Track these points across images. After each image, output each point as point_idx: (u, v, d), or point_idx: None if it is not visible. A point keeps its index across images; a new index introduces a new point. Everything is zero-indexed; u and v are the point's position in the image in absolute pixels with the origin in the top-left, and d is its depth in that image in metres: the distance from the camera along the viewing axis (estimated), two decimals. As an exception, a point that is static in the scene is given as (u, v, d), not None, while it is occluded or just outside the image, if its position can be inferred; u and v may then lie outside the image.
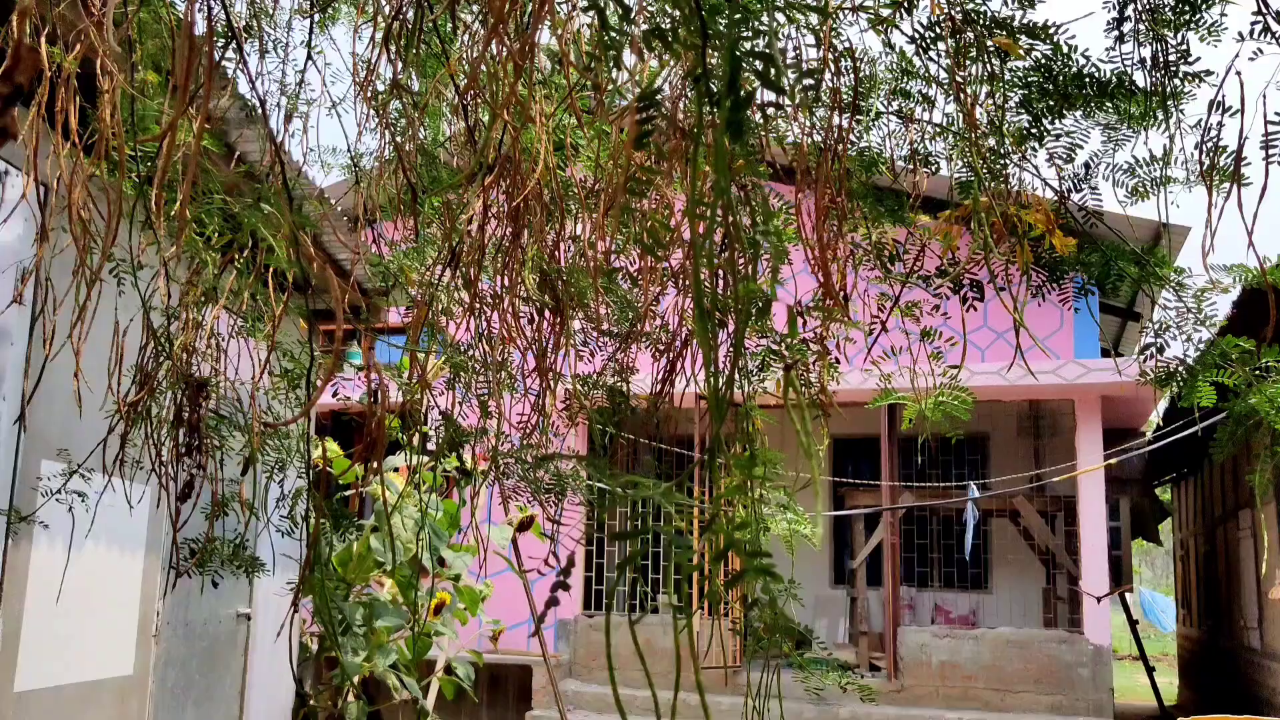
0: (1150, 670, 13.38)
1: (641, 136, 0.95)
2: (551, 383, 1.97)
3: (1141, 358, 1.94)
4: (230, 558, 2.25)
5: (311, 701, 5.79)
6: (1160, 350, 1.90)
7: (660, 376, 2.34)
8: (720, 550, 0.96)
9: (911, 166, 2.04)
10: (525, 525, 6.33)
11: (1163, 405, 11.82)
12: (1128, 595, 13.75)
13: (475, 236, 1.83)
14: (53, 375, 3.29)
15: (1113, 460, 8.06)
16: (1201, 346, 1.84)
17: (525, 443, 2.37)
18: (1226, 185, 1.94)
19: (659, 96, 1.87)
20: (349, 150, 2.56)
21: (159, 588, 4.06)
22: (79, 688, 3.52)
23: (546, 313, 1.90)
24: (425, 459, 5.93)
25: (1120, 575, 12.83)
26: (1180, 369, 1.88)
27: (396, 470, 6.45)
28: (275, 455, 2.31)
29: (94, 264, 2.08)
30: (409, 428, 2.24)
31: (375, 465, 2.04)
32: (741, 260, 1.04)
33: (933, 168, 2.09)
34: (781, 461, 2.78)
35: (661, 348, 2.19)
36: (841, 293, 2.07)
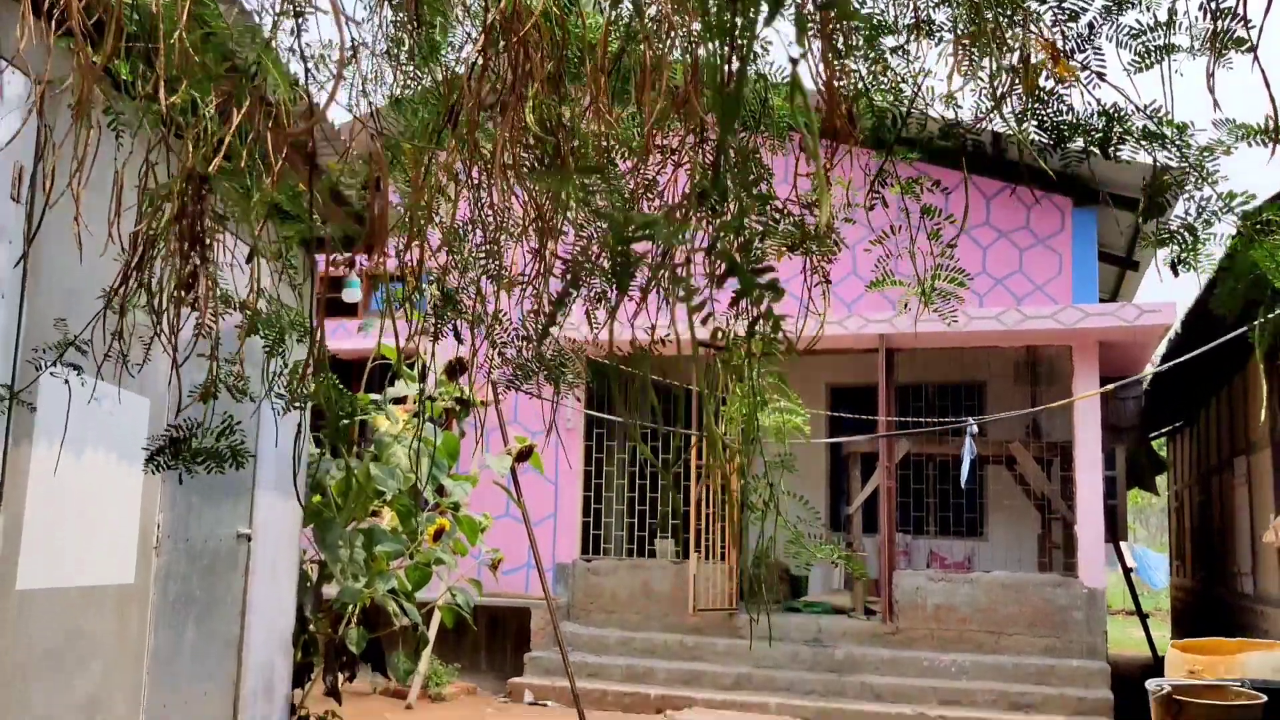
0: (1144, 618, 13.49)
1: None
2: (552, 238, 1.95)
3: (1140, 215, 1.93)
4: (220, 438, 2.23)
5: (312, 627, 5.84)
6: (1161, 210, 1.89)
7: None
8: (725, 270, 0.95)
9: (914, 33, 2.01)
10: (525, 455, 6.36)
11: (1160, 350, 11.83)
12: (1123, 545, 13.83)
13: (474, 90, 1.81)
14: (53, 273, 3.28)
15: (1110, 387, 8.07)
16: (1204, 205, 1.83)
17: (527, 314, 2.35)
18: (1230, 52, 1.93)
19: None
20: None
21: (159, 501, 4.08)
22: (80, 591, 3.54)
23: (547, 162, 1.89)
24: (425, 386, 5.96)
25: (1116, 525, 12.91)
26: (1181, 230, 1.87)
27: (397, 404, 6.47)
28: (272, 329, 2.29)
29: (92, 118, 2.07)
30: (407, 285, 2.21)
31: (379, 249, 2.03)
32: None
33: (935, 38, 2.07)
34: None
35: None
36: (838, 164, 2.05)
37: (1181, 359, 8.16)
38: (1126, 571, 13.40)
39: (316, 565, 6.09)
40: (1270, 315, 2.30)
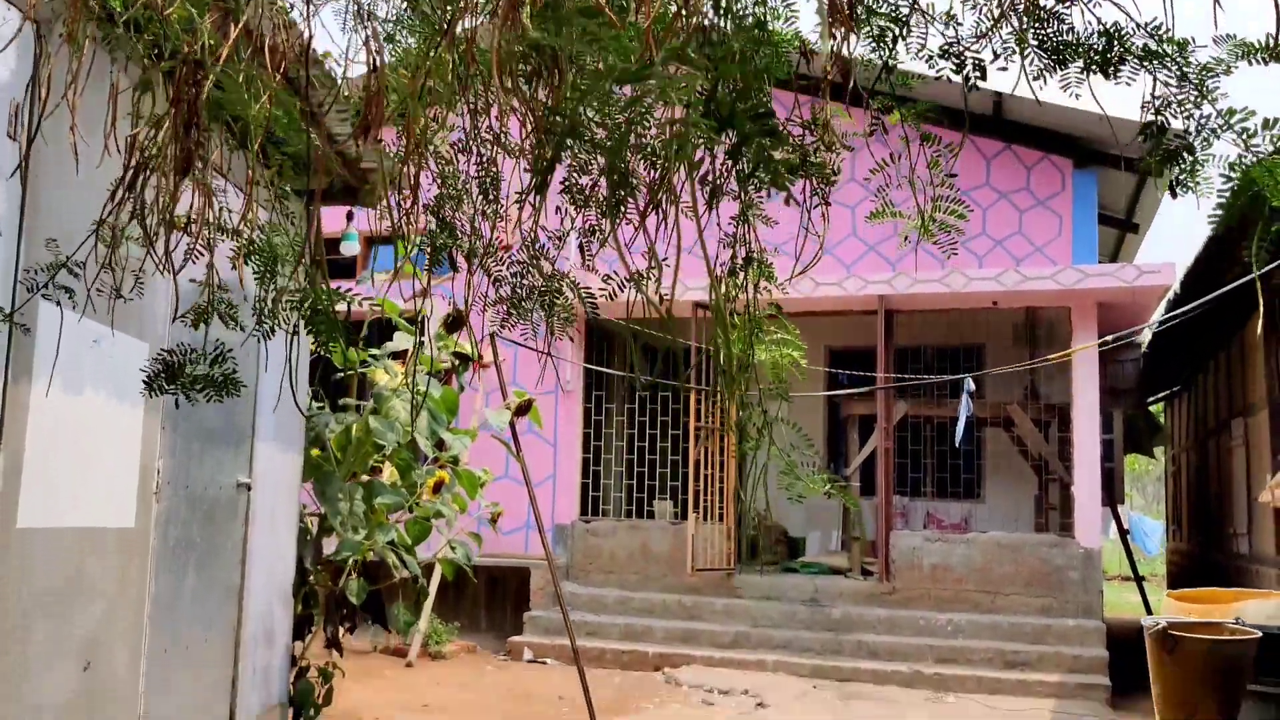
0: (1139, 579, 13.57)
1: None
2: (549, 147, 1.94)
3: (1141, 138, 1.92)
4: (214, 364, 2.22)
5: (312, 579, 5.87)
6: (1161, 131, 1.88)
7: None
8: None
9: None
10: (524, 409, 6.37)
11: (1159, 313, 11.83)
12: (1120, 508, 13.88)
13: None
14: (50, 215, 3.27)
15: (1111, 339, 8.07)
16: (1203, 123, 1.82)
17: (526, 241, 2.34)
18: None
19: None
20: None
21: (158, 447, 4.09)
22: (81, 532, 3.55)
23: (545, 73, 1.87)
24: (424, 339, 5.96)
25: (1113, 487, 12.96)
26: (1180, 148, 1.86)
27: (396, 359, 6.46)
28: (265, 256, 2.28)
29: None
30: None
31: (374, 134, 2.02)
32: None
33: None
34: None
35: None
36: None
37: (1185, 309, 8.15)
38: (1123, 533, 13.47)
39: (316, 519, 6.11)
40: (1270, 230, 2.29)
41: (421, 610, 9.92)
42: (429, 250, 2.36)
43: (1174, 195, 1.92)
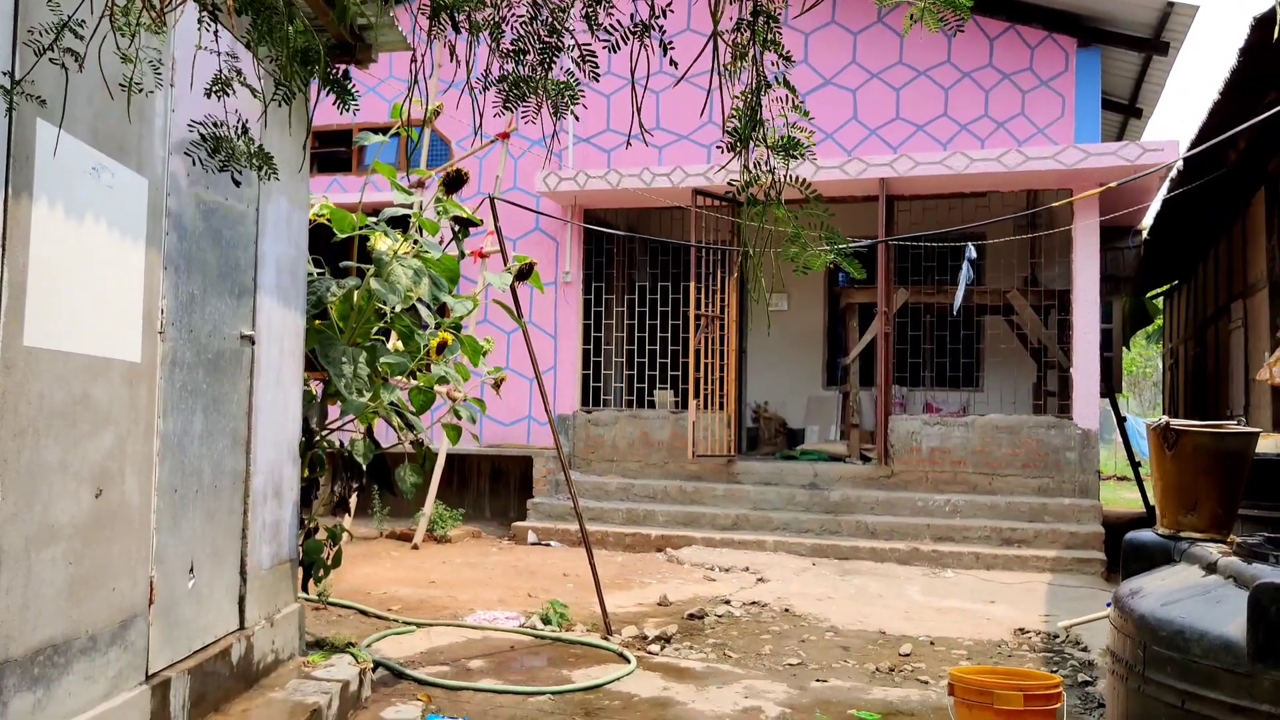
0: (1135, 466, 13.71)
1: None
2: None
3: None
4: (241, 133, 2.19)
5: (318, 440, 5.91)
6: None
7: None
8: None
9: None
10: (525, 273, 6.34)
11: (1159, 198, 11.75)
12: (1118, 398, 13.96)
13: None
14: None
15: (1114, 185, 8.01)
16: None
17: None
18: None
19: None
20: None
21: (160, 287, 4.07)
22: (88, 360, 3.55)
23: None
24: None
25: (1111, 377, 13.02)
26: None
27: (394, 225, 6.41)
28: None
29: None
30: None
31: None
32: None
33: None
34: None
35: None
36: None
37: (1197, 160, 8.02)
38: (1120, 421, 13.57)
39: (320, 385, 6.12)
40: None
41: (428, 478, 10.00)
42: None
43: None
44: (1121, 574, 3.16)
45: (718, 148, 2.32)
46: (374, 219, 6.26)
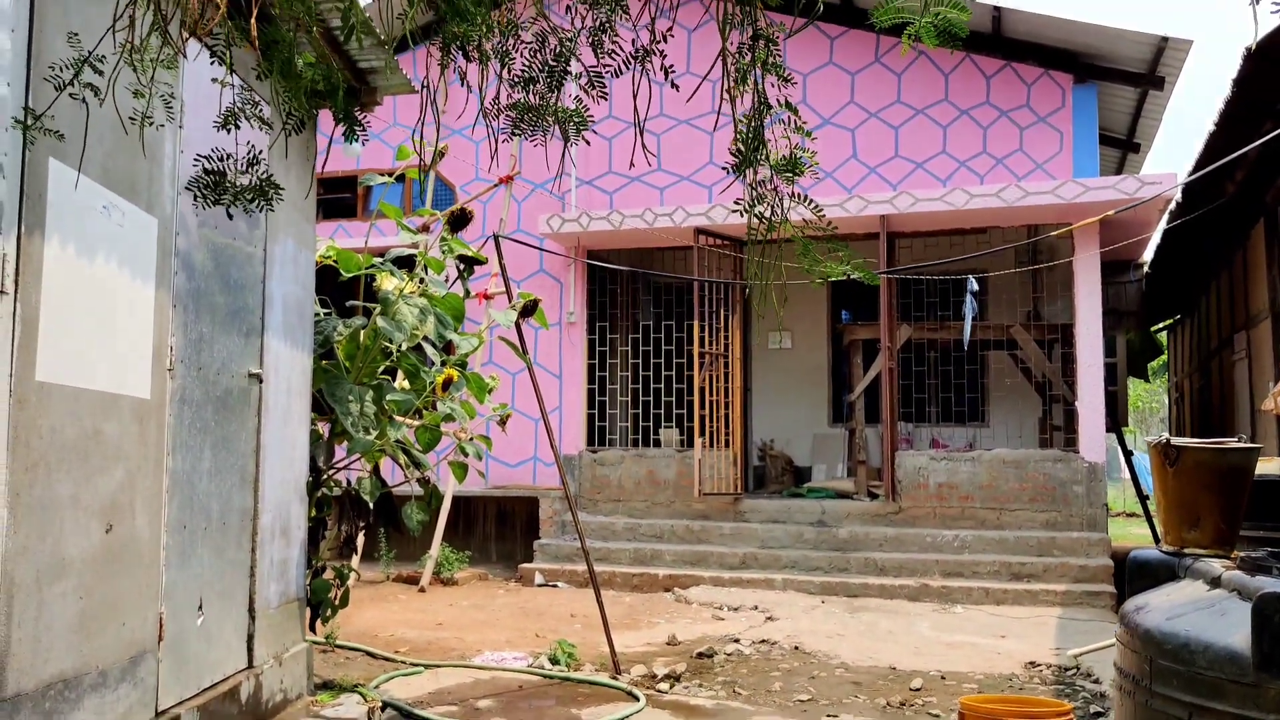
0: (1144, 499, 13.66)
1: None
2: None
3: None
4: (248, 169, 2.25)
5: (326, 478, 5.93)
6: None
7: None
8: None
9: None
10: (529, 310, 6.40)
11: (1159, 231, 11.82)
12: (1124, 431, 13.94)
13: None
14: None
15: (1112, 213, 8.06)
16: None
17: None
18: None
19: None
20: None
21: (170, 325, 4.12)
22: (99, 396, 3.59)
23: None
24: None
25: (1116, 411, 13.01)
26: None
27: (400, 265, 6.48)
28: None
29: None
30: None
31: None
32: None
33: None
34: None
35: None
36: None
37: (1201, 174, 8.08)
38: (1127, 455, 13.54)
39: (328, 425, 6.16)
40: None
41: (435, 518, 9.99)
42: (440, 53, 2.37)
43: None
44: (1127, 591, 3.16)
45: (722, 168, 2.37)
46: (379, 260, 6.33)
